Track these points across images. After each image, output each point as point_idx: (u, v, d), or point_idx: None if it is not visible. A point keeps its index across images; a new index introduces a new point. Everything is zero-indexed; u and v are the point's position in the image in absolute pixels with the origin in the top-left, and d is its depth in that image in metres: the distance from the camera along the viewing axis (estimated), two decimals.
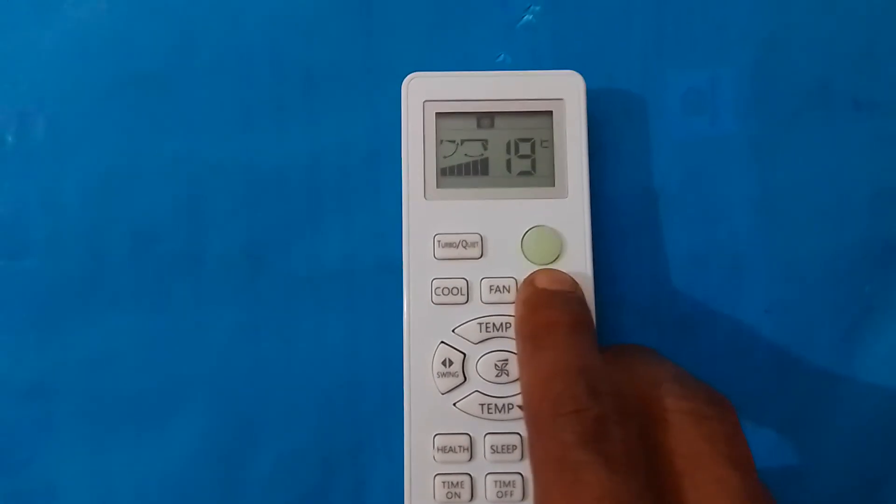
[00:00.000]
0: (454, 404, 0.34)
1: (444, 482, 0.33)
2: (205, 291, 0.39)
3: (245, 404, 0.38)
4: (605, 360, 0.30)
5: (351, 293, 0.39)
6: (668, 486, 0.27)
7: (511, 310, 0.34)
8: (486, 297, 0.34)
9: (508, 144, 0.35)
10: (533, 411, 0.29)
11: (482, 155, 0.35)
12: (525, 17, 0.40)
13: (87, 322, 0.38)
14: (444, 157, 0.35)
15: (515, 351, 0.33)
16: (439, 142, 0.35)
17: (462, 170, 0.35)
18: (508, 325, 0.34)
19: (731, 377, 0.38)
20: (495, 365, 0.34)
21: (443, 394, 0.34)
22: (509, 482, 0.33)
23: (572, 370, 0.29)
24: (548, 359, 0.30)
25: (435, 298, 0.34)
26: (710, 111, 0.39)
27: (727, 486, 0.26)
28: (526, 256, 0.34)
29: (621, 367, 0.31)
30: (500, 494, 0.33)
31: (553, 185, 0.35)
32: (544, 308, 0.32)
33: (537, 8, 0.40)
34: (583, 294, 0.33)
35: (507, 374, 0.34)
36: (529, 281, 0.34)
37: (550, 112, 0.35)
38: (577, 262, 0.34)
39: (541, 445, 0.28)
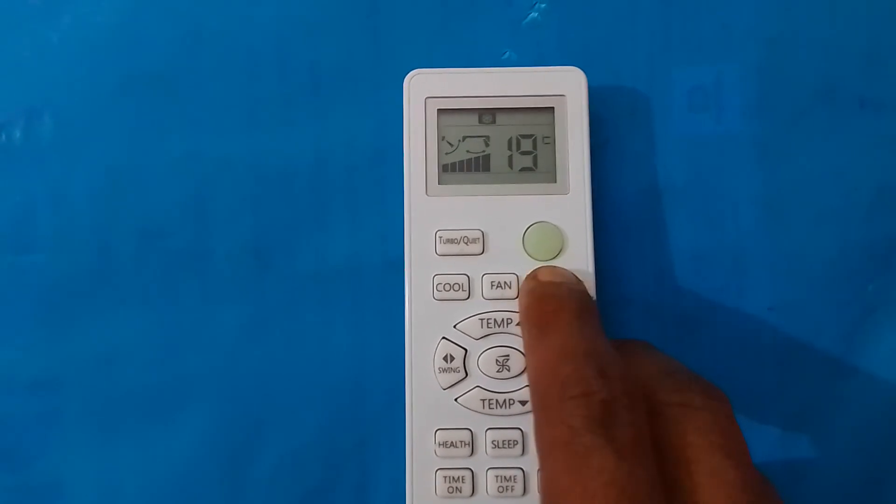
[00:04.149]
0: (455, 400, 0.34)
1: (445, 477, 0.33)
2: (211, 288, 0.39)
3: (251, 400, 0.38)
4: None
5: (357, 290, 0.39)
6: (664, 478, 0.27)
7: (513, 305, 0.34)
8: (488, 293, 0.34)
9: (510, 141, 0.35)
10: (540, 395, 0.29)
11: (484, 151, 0.35)
12: (531, 15, 0.40)
13: (94, 318, 0.39)
14: (446, 153, 0.35)
15: (521, 341, 0.34)
16: (441, 138, 0.35)
17: (464, 166, 0.35)
18: (510, 320, 0.34)
19: (734, 375, 0.38)
20: (496, 360, 0.34)
21: (444, 389, 0.34)
22: (510, 477, 0.33)
23: (580, 353, 0.29)
24: (555, 343, 0.30)
25: (436, 294, 0.34)
26: (715, 109, 0.39)
27: (723, 477, 0.26)
28: (527, 252, 0.34)
29: None
30: (500, 489, 0.33)
31: (555, 181, 0.35)
32: (550, 297, 0.32)
33: (543, 5, 0.40)
34: (585, 287, 0.33)
35: (509, 370, 0.34)
36: (532, 276, 0.34)
37: (552, 108, 0.35)
38: (579, 259, 0.34)
39: (548, 430, 0.28)
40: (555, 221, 0.35)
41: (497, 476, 0.33)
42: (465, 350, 0.34)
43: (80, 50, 0.40)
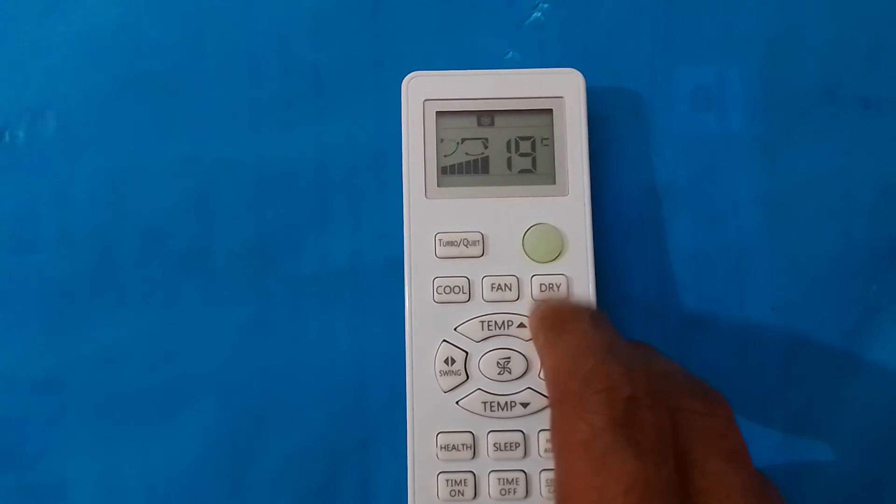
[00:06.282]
0: (457, 403, 0.34)
1: (447, 480, 0.33)
2: (213, 288, 0.39)
3: (253, 400, 0.38)
4: None
5: (358, 291, 0.39)
6: None
7: (514, 307, 0.34)
8: (488, 295, 0.34)
9: (509, 143, 0.35)
10: (560, 390, 0.28)
11: (483, 153, 0.35)
12: (534, 15, 0.40)
13: (96, 318, 0.39)
14: (445, 155, 0.35)
15: (522, 343, 0.34)
16: (440, 140, 0.35)
17: (463, 168, 0.35)
18: (510, 322, 0.34)
19: (736, 376, 0.38)
20: (497, 363, 0.34)
21: (445, 392, 0.34)
22: (512, 479, 0.33)
23: (603, 348, 0.28)
24: (575, 339, 0.29)
25: (436, 297, 0.34)
26: (717, 109, 0.39)
27: (724, 481, 0.26)
28: (527, 254, 0.34)
29: None
30: (503, 492, 0.33)
31: (554, 182, 0.35)
32: (563, 307, 0.32)
33: (546, 5, 0.39)
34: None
35: (510, 372, 0.34)
36: (541, 300, 0.34)
37: (551, 110, 0.35)
38: (579, 260, 0.34)
39: (565, 427, 0.26)
40: (554, 223, 0.35)
41: (499, 479, 0.33)
42: (466, 353, 0.34)
43: (83, 50, 0.40)
